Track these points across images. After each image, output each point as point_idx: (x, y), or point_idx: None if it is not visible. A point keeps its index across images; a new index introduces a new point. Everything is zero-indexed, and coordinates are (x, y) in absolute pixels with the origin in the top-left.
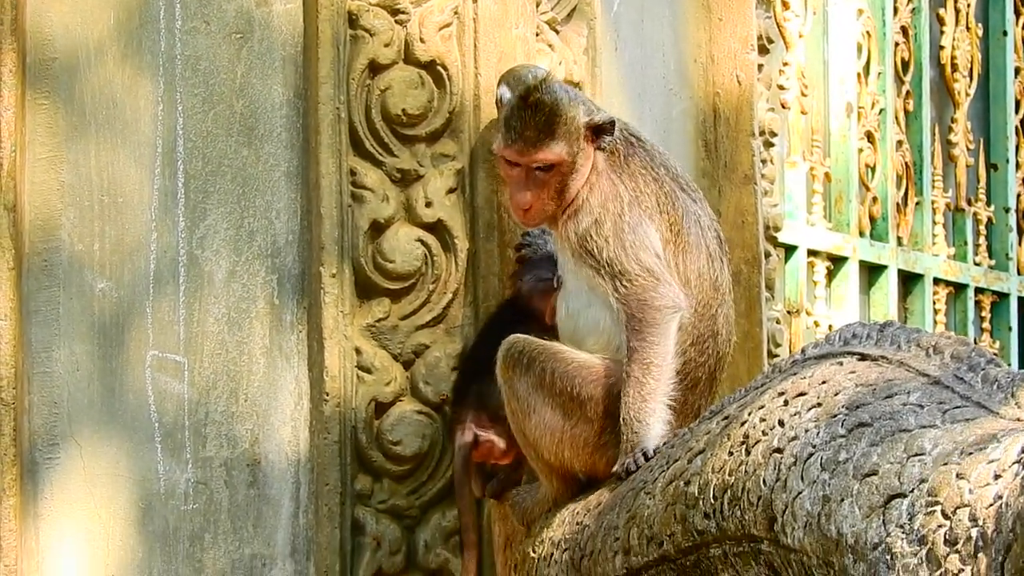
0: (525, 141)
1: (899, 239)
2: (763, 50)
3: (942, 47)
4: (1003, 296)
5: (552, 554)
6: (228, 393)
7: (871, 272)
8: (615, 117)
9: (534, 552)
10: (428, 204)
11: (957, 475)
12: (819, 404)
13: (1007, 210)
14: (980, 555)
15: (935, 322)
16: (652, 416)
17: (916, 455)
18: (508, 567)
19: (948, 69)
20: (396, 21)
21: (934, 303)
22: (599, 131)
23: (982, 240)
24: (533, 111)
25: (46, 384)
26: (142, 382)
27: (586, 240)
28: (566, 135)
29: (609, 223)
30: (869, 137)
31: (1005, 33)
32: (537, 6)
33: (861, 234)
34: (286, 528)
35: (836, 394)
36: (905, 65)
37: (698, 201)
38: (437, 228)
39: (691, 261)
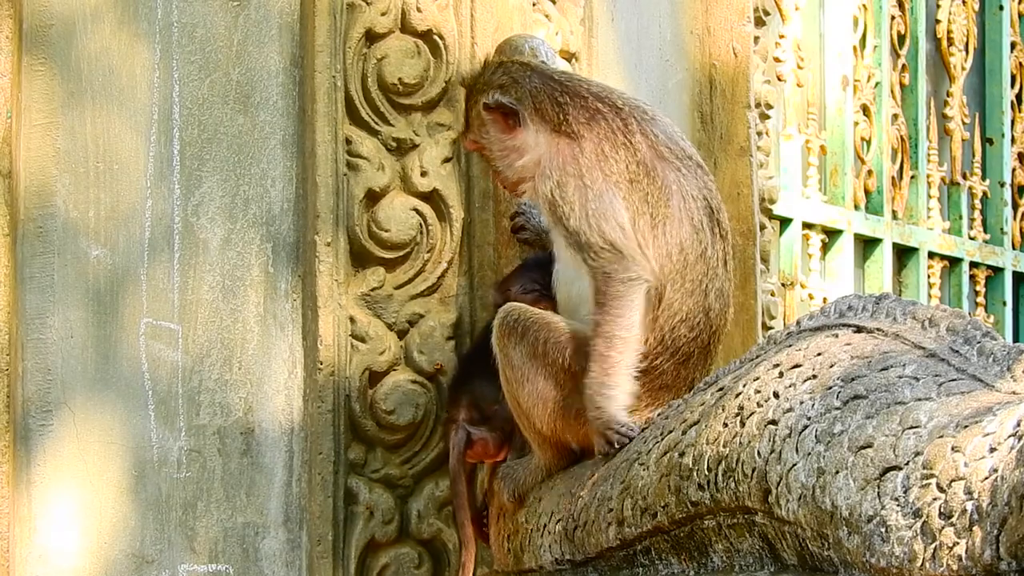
0: (462, 133)
1: (894, 212)
2: (759, 22)
3: (938, 21)
4: (997, 270)
5: (545, 525)
6: (222, 361)
7: (866, 245)
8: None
9: (527, 523)
10: (423, 173)
11: (952, 448)
12: (814, 376)
13: (1002, 184)
14: (975, 528)
15: (929, 296)
16: (615, 389)
17: (911, 427)
18: (501, 537)
19: (944, 43)
20: None
21: (928, 277)
22: (500, 110)
23: (977, 214)
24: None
25: (40, 351)
26: (136, 349)
27: (554, 205)
28: (476, 122)
29: (572, 186)
30: (865, 110)
31: (1001, 7)
32: None
33: (856, 207)
34: (279, 497)
35: (831, 366)
36: (901, 38)
37: (687, 172)
38: (432, 197)
39: (671, 233)
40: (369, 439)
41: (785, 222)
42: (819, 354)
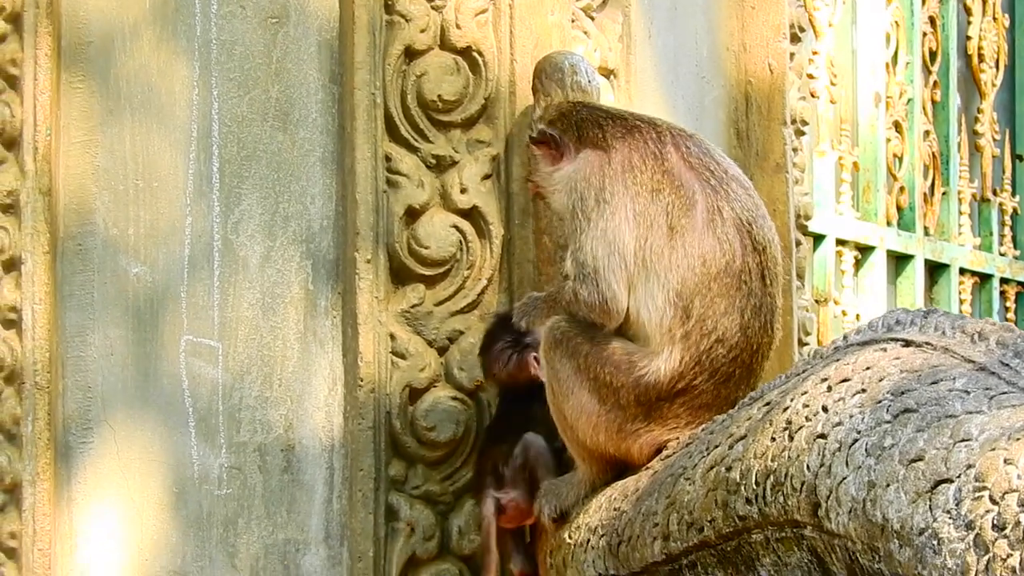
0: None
1: (926, 229)
2: (795, 38)
3: (969, 37)
4: None
5: (589, 540)
6: (262, 378)
7: (898, 261)
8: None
9: (570, 538)
10: (463, 190)
11: (1005, 460)
12: (863, 390)
13: None
14: None
15: (960, 312)
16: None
17: (963, 440)
18: (544, 553)
19: (975, 59)
20: (432, 7)
21: (959, 293)
22: (545, 143)
23: (1007, 231)
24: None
25: (80, 368)
26: (176, 367)
27: (573, 216)
28: (532, 162)
29: (592, 200)
30: (897, 127)
31: None
32: None
33: (888, 224)
34: (320, 513)
35: (880, 380)
36: (932, 55)
37: (717, 184)
38: (472, 214)
39: (690, 244)
40: (410, 456)
41: (819, 238)
42: (868, 368)
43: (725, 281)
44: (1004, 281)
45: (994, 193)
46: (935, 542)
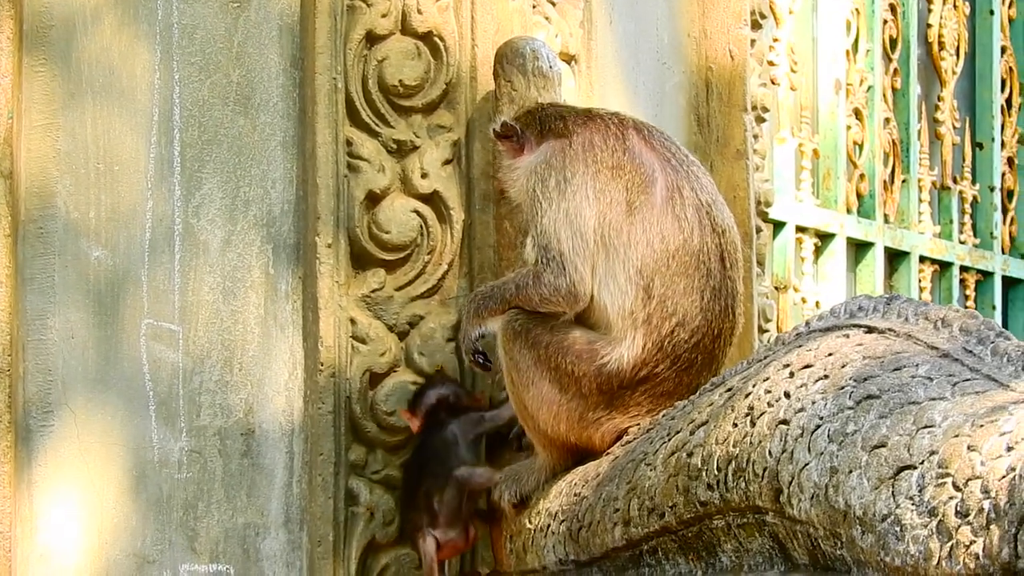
0: None
1: (886, 216)
2: (756, 25)
3: (930, 25)
4: (987, 275)
5: (549, 525)
6: (222, 362)
7: (858, 249)
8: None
9: (531, 523)
10: (424, 175)
11: (968, 447)
12: (826, 376)
13: (992, 189)
14: (992, 527)
15: (924, 301)
16: (489, 306)
17: (926, 427)
18: (504, 538)
19: (935, 47)
20: None
21: (920, 281)
22: (508, 137)
23: (967, 219)
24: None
25: (41, 351)
26: (137, 350)
27: (533, 201)
28: (497, 160)
29: (553, 181)
30: (857, 114)
31: (992, 12)
32: None
33: (848, 211)
34: (280, 497)
35: (843, 366)
36: (893, 43)
37: (678, 166)
38: (433, 199)
39: (649, 221)
40: (370, 440)
41: (778, 226)
42: (830, 354)
43: (684, 259)
44: (964, 269)
45: (954, 181)
46: (898, 528)
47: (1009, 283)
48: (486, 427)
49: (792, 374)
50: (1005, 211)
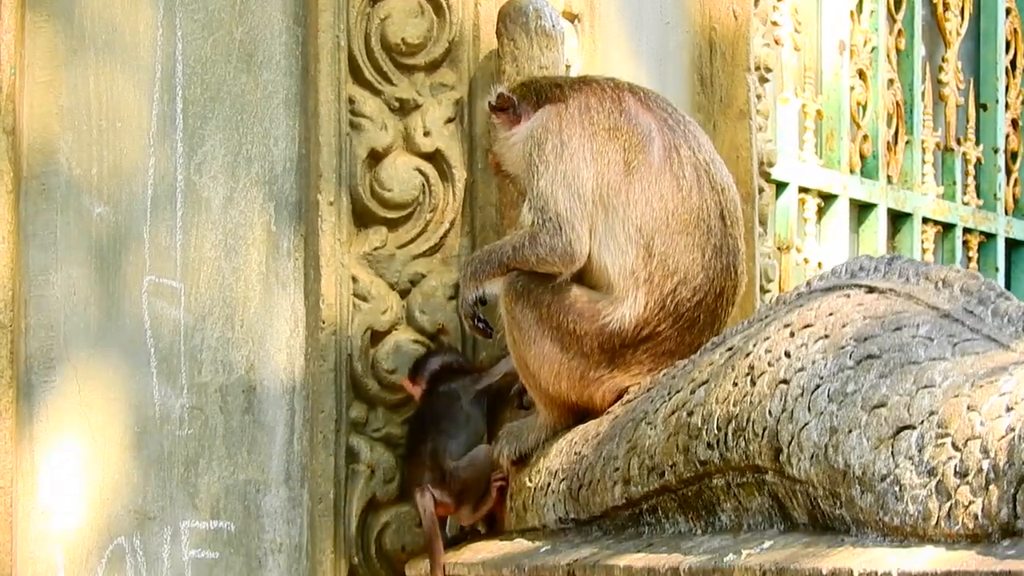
0: None
1: (889, 177)
2: None
3: None
4: (990, 236)
5: (549, 484)
6: (224, 319)
7: (861, 210)
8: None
9: (531, 482)
10: (426, 133)
11: (968, 407)
12: (826, 336)
13: (996, 150)
14: (991, 487)
15: (925, 262)
16: (486, 269)
17: (926, 387)
18: (504, 497)
19: (940, 8)
20: None
21: (922, 242)
22: (504, 108)
23: (971, 180)
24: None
25: (43, 307)
26: (138, 307)
27: (530, 165)
28: (491, 134)
29: (550, 144)
30: (861, 75)
31: None
32: None
33: (851, 172)
34: (280, 454)
35: (844, 326)
36: (897, 3)
37: (674, 125)
38: (435, 158)
39: (647, 180)
40: (371, 398)
41: (781, 186)
42: (831, 314)
43: (683, 217)
44: (967, 231)
45: (958, 142)
46: (897, 488)
47: (1012, 245)
48: (485, 383)
49: (793, 334)
50: (1009, 173)
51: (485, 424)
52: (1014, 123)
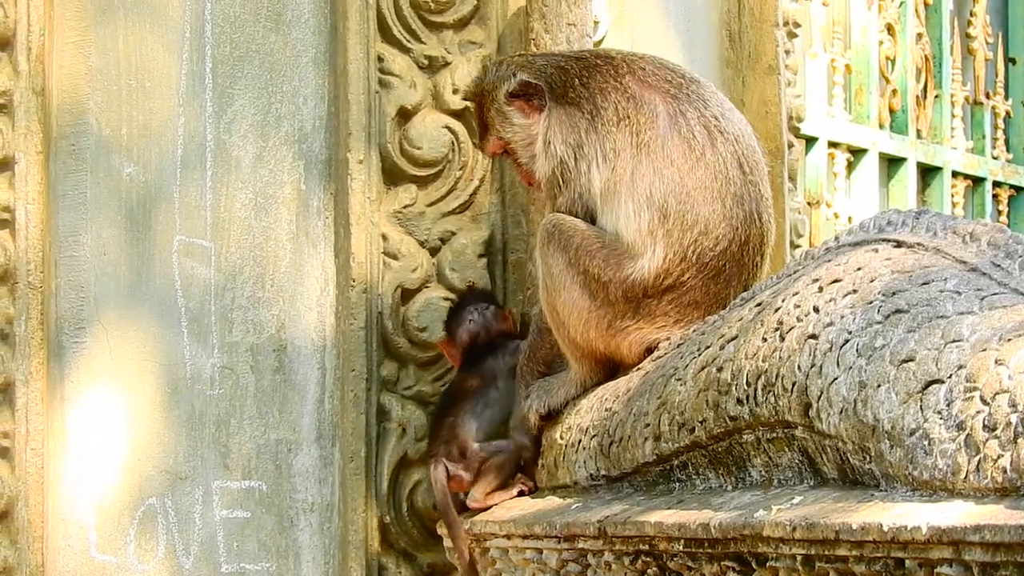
0: (480, 141)
1: (918, 132)
2: None
3: None
4: (1020, 190)
5: (580, 440)
6: (254, 278)
7: (890, 164)
8: (538, 69)
9: (562, 439)
10: (455, 91)
11: (996, 361)
12: (855, 291)
13: None
14: (1020, 440)
15: (952, 215)
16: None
17: (954, 341)
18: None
19: None
20: None
21: (952, 196)
22: (526, 95)
23: (1000, 134)
24: (472, 113)
25: (73, 268)
26: (169, 267)
27: (551, 184)
28: (493, 124)
29: (572, 162)
30: (889, 29)
31: None
32: None
33: (881, 126)
34: (311, 413)
35: (872, 280)
36: None
37: (676, 91)
38: (464, 115)
39: (655, 152)
40: (401, 356)
41: (811, 141)
42: (859, 269)
43: (698, 175)
44: (996, 184)
45: (987, 96)
46: (926, 442)
47: None
48: (519, 359)
49: (821, 289)
50: None
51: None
52: None
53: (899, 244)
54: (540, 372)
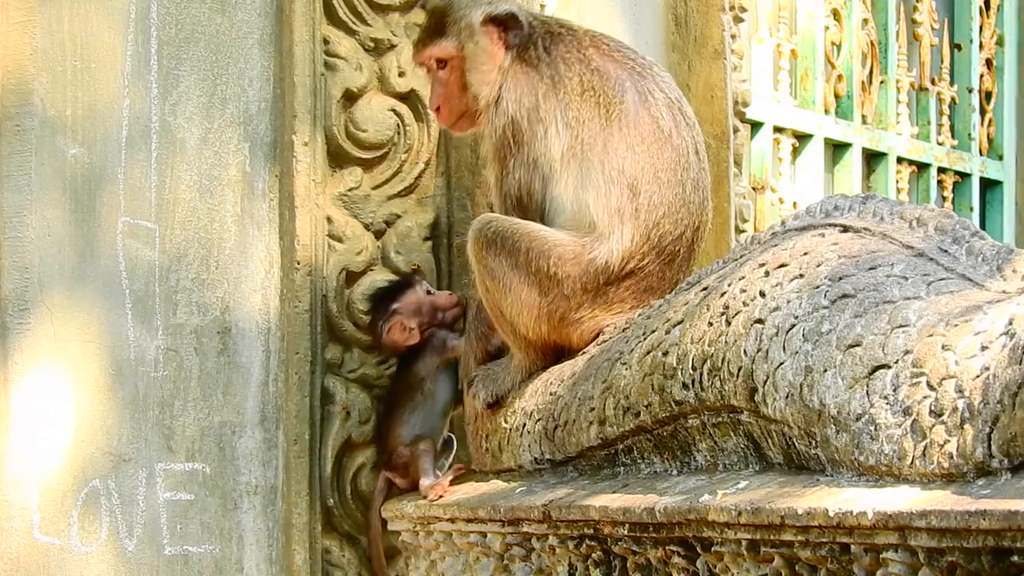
0: (420, 42)
1: (863, 117)
2: None
3: None
4: (965, 176)
5: (524, 424)
6: (199, 260)
7: (835, 150)
8: (520, 10)
9: (506, 423)
10: (401, 74)
11: (943, 346)
12: (801, 275)
13: (970, 90)
14: (966, 426)
15: (899, 201)
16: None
17: (901, 326)
18: (478, 437)
19: None
20: None
21: (897, 182)
22: (503, 26)
23: (945, 120)
24: (428, 14)
25: (17, 249)
26: (113, 248)
27: (503, 143)
28: (456, 32)
29: (526, 121)
30: (835, 14)
31: None
32: None
33: (826, 111)
34: (256, 396)
35: (818, 265)
36: None
37: (640, 70)
38: (410, 98)
39: (627, 126)
40: (346, 339)
41: (756, 126)
42: (805, 253)
43: (666, 156)
44: (942, 170)
45: (932, 82)
46: (872, 427)
47: (986, 184)
48: (448, 356)
49: (767, 273)
50: (983, 113)
51: (456, 384)
52: (988, 63)
53: (846, 229)
54: (485, 333)
